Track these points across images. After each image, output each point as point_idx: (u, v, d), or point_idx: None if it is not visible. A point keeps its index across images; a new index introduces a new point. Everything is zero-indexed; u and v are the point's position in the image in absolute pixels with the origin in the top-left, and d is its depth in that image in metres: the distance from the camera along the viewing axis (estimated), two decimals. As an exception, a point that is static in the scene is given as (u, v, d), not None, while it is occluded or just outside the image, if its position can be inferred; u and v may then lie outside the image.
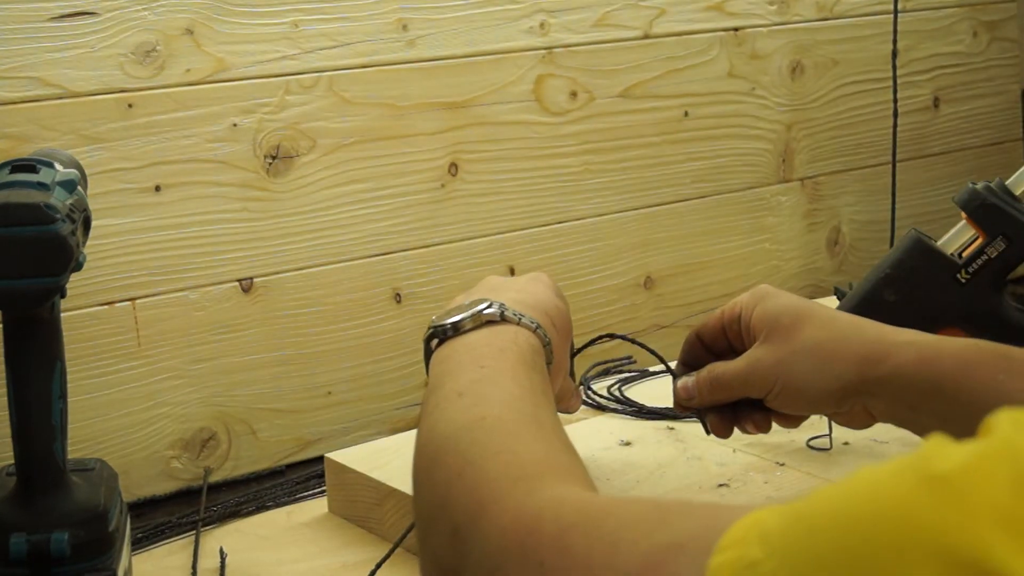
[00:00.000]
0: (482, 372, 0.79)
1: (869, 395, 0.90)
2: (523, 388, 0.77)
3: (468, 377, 0.78)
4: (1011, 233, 1.01)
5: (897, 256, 1.03)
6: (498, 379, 0.78)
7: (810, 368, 0.90)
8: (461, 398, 0.75)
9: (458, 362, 0.82)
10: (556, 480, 0.65)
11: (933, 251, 1.03)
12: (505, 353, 0.81)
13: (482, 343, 0.83)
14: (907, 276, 1.03)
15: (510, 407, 0.74)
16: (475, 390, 0.76)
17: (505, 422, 0.72)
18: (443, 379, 0.80)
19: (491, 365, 0.80)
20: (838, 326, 0.91)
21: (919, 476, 0.45)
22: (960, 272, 1.02)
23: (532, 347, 0.84)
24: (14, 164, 0.86)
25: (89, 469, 0.92)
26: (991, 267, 1.02)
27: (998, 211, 1.01)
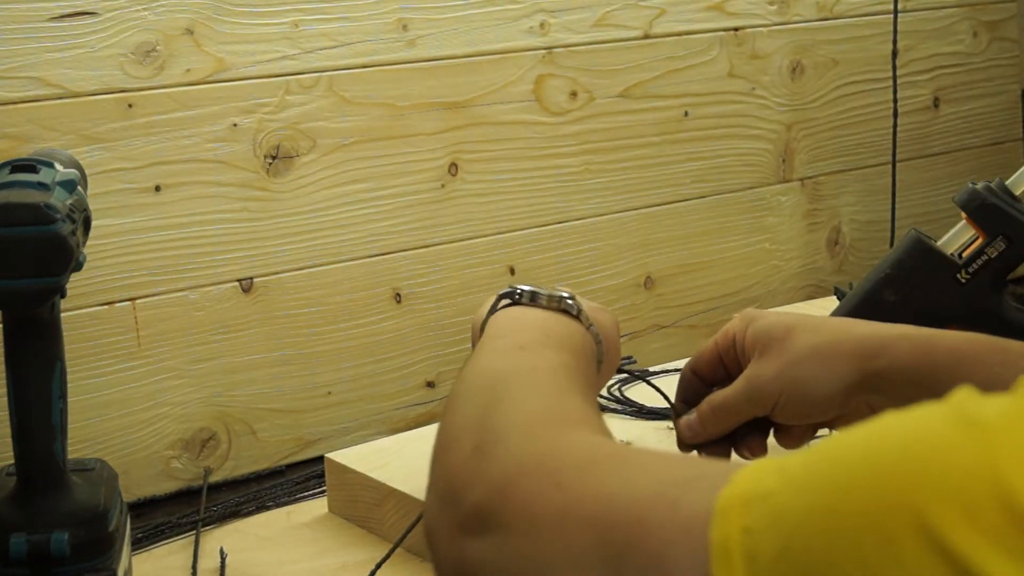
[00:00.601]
0: (547, 339, 0.79)
1: (871, 391, 0.89)
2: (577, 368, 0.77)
3: (532, 337, 0.79)
4: (1011, 233, 1.01)
5: (897, 256, 1.03)
6: (559, 350, 0.78)
7: (811, 373, 0.90)
8: (522, 351, 0.76)
9: (526, 324, 0.82)
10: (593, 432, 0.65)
11: (933, 251, 1.03)
12: (572, 339, 0.82)
13: (551, 321, 0.83)
14: (907, 276, 1.03)
15: (566, 373, 0.74)
16: (536, 350, 0.77)
17: (558, 378, 0.72)
18: (506, 332, 0.80)
19: (556, 337, 0.80)
20: (830, 328, 0.91)
21: (955, 417, 0.45)
22: (960, 272, 1.02)
23: (587, 350, 0.84)
24: (14, 164, 0.86)
25: (89, 469, 0.92)
26: (991, 267, 1.02)
27: (998, 211, 1.01)
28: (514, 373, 0.72)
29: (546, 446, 0.62)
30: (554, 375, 0.73)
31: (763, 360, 0.92)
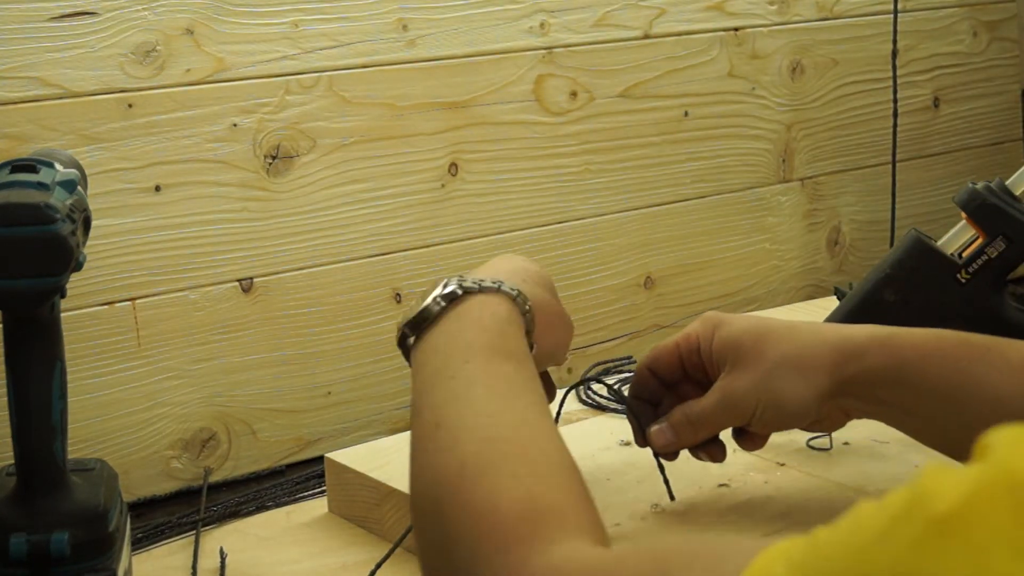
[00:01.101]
0: (453, 385, 0.76)
1: (843, 396, 0.91)
2: (499, 396, 0.75)
3: (441, 396, 0.76)
4: (1011, 233, 1.01)
5: (897, 256, 1.03)
6: (469, 394, 0.75)
7: (786, 384, 0.90)
8: (439, 431, 0.73)
9: (429, 373, 0.79)
10: (551, 536, 0.63)
11: (933, 251, 1.03)
12: (472, 347, 0.79)
13: (445, 340, 0.80)
14: (907, 276, 1.03)
15: (488, 440, 0.71)
16: (450, 418, 0.74)
17: (486, 465, 0.69)
18: (419, 399, 0.78)
19: (460, 372, 0.77)
20: (800, 337, 0.91)
21: (923, 520, 0.45)
22: (960, 272, 1.02)
23: (501, 318, 0.81)
24: (14, 164, 0.86)
25: (89, 469, 0.92)
26: (991, 267, 1.02)
27: (998, 211, 1.01)
28: (447, 485, 0.69)
29: None
30: (480, 463, 0.69)
31: (736, 372, 0.92)
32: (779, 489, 1.00)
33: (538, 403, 0.76)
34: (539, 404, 0.76)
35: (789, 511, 0.96)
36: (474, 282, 0.83)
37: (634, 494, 1.00)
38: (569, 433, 1.05)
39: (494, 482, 0.67)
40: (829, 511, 0.97)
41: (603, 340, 1.44)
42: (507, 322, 0.82)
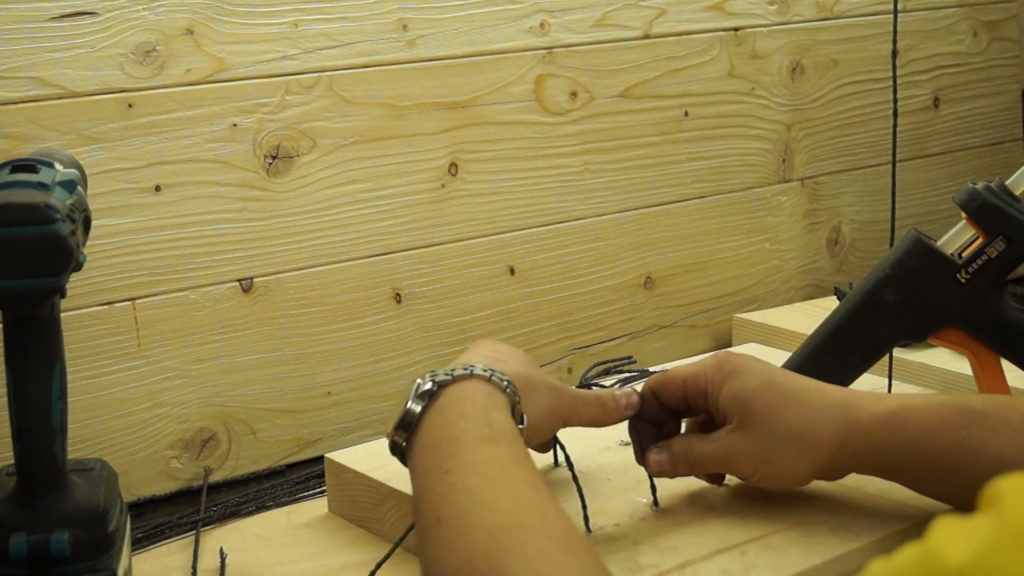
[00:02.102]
0: (448, 479, 0.78)
1: (845, 467, 0.94)
2: (493, 479, 0.77)
3: (438, 491, 0.78)
4: (1011, 233, 1.01)
5: (897, 256, 1.03)
6: (466, 483, 0.77)
7: (787, 458, 0.93)
8: (440, 527, 0.75)
9: (424, 472, 0.82)
10: None
11: (933, 251, 1.03)
12: (460, 439, 0.81)
13: (434, 437, 0.83)
14: (907, 276, 1.03)
15: (490, 525, 0.73)
16: (449, 512, 0.75)
17: (494, 553, 0.70)
18: (419, 497, 0.80)
19: (453, 465, 0.79)
20: (808, 411, 0.92)
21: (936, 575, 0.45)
22: (960, 272, 1.02)
23: (481, 403, 0.84)
24: (14, 164, 0.86)
25: (89, 469, 0.92)
26: (991, 267, 1.02)
27: (998, 211, 1.01)
28: (460, 569, 0.70)
29: None
30: (481, 557, 0.70)
31: (741, 432, 0.94)
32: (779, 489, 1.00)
33: (533, 481, 0.78)
34: (534, 482, 0.78)
35: (789, 511, 0.96)
36: (446, 374, 0.86)
37: (634, 494, 1.00)
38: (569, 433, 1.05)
39: (505, 572, 0.68)
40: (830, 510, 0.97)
41: (603, 340, 1.44)
42: (488, 406, 0.84)
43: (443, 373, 0.87)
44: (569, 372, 1.41)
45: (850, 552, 0.91)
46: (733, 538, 0.92)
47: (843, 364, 1.05)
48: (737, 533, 0.93)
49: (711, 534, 0.93)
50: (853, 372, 1.06)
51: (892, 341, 1.05)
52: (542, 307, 1.40)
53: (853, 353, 1.05)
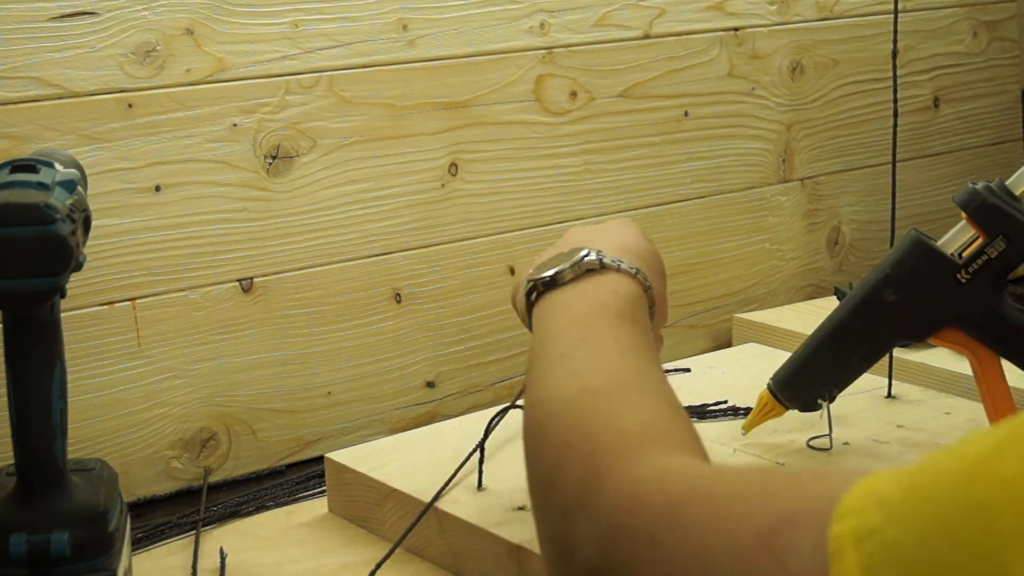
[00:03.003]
0: (583, 333, 0.79)
1: None
2: (624, 348, 0.77)
3: (570, 339, 0.79)
4: (1011, 233, 1.01)
5: (897, 256, 1.03)
6: (600, 341, 0.78)
7: None
8: (565, 362, 0.76)
9: (560, 320, 0.82)
10: (663, 450, 0.65)
11: (933, 251, 1.03)
12: (606, 309, 0.81)
13: (582, 298, 0.83)
14: (907, 276, 1.03)
15: (613, 374, 0.74)
16: (578, 355, 0.76)
17: (609, 391, 0.72)
18: (546, 339, 0.80)
19: (592, 324, 0.80)
20: None
21: None
22: (960, 272, 1.02)
23: (632, 296, 0.84)
24: (14, 164, 0.86)
25: (89, 469, 0.92)
26: (991, 267, 1.01)
27: (998, 211, 1.01)
28: (569, 405, 0.71)
29: (626, 497, 0.61)
30: (603, 391, 0.72)
31: None
32: (779, 489, 1.00)
33: (658, 366, 0.79)
34: (659, 368, 0.79)
35: (789, 511, 0.96)
36: (614, 260, 0.85)
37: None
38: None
39: (615, 407, 0.70)
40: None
41: (603, 340, 1.44)
42: (639, 300, 0.84)
43: (611, 259, 0.86)
44: (569, 372, 1.41)
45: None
46: (733, 538, 0.92)
47: (843, 364, 1.05)
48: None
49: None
50: (853, 372, 1.06)
51: (892, 341, 1.05)
52: (542, 307, 1.39)
53: (853, 353, 1.05)
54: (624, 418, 0.68)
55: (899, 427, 1.12)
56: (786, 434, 1.11)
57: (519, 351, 1.38)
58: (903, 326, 1.04)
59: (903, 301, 1.02)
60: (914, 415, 1.15)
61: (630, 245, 0.90)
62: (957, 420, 1.13)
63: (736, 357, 1.32)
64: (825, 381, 1.05)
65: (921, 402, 1.18)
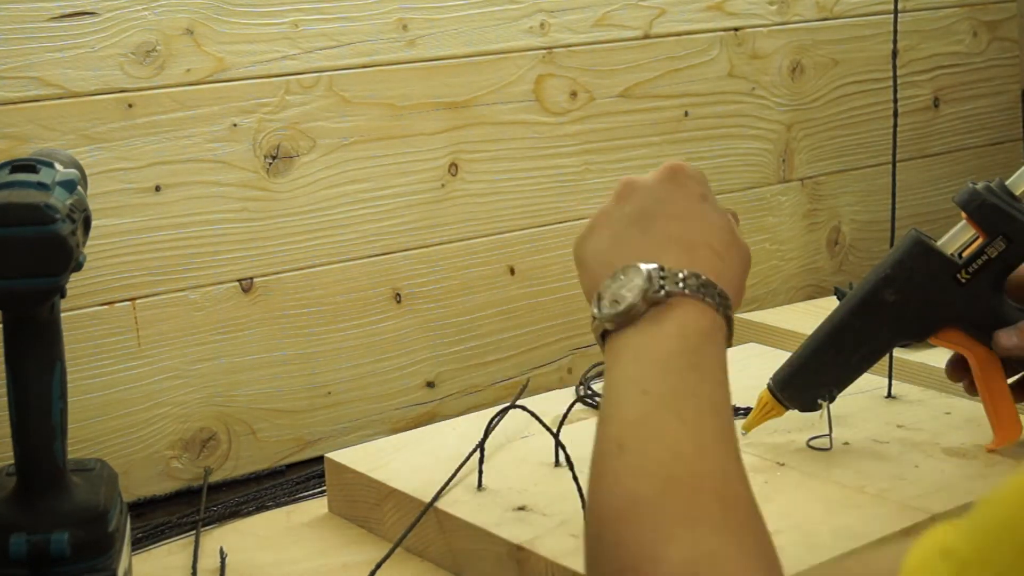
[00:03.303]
0: (643, 401, 0.73)
1: None
2: (687, 421, 0.72)
3: (629, 412, 0.73)
4: (1011, 233, 1.01)
5: (897, 256, 1.03)
6: (659, 417, 0.72)
7: None
8: (622, 454, 0.70)
9: (622, 379, 0.75)
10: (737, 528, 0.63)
11: (933, 251, 1.03)
12: (669, 362, 0.75)
13: (644, 343, 0.76)
14: (907, 276, 1.02)
15: (668, 475, 0.68)
16: (635, 443, 0.71)
17: (656, 509, 0.66)
18: (608, 406, 0.75)
19: (652, 388, 0.73)
20: None
21: None
22: (960, 272, 1.02)
23: (703, 331, 0.77)
24: (14, 164, 0.86)
25: (89, 469, 0.92)
26: (991, 267, 1.01)
27: (998, 211, 1.01)
28: (622, 519, 0.67)
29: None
30: (658, 504, 0.67)
31: None
32: (779, 490, 1.00)
33: (726, 429, 0.73)
34: (726, 430, 0.73)
35: (789, 511, 0.96)
36: (680, 284, 0.78)
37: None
38: (570, 434, 1.05)
39: (665, 528, 0.65)
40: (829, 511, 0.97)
41: (603, 340, 1.44)
42: (707, 336, 0.77)
43: (676, 282, 0.77)
44: (569, 372, 1.41)
45: (850, 552, 0.91)
46: (733, 538, 0.92)
47: (843, 364, 1.05)
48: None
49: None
50: (854, 372, 1.06)
51: (892, 341, 1.05)
52: (542, 307, 1.39)
53: (853, 353, 1.05)
54: (672, 549, 0.63)
55: (899, 427, 1.12)
56: (786, 434, 1.11)
57: (519, 351, 1.38)
58: (903, 326, 1.04)
59: (903, 301, 1.02)
60: (914, 415, 1.15)
61: (701, 235, 0.83)
62: (957, 420, 1.13)
63: (736, 357, 1.31)
64: (825, 381, 1.05)
65: (921, 402, 1.18)
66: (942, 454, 1.06)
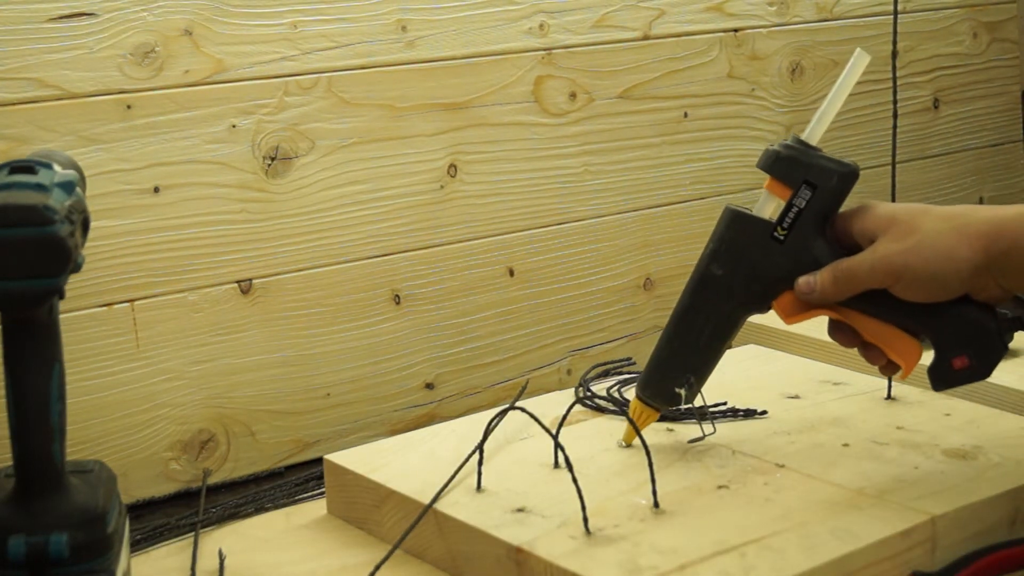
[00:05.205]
0: None
1: (997, 270, 0.95)
2: None
3: None
4: (813, 179, 1.02)
5: (717, 231, 1.04)
6: None
7: (939, 252, 0.95)
8: None
9: None
10: None
11: (746, 216, 1.04)
12: None
13: None
14: (728, 247, 1.03)
15: None
16: None
17: None
18: None
19: None
20: (956, 213, 0.97)
21: None
22: (776, 230, 1.02)
23: None
24: (13, 165, 0.86)
25: (88, 471, 0.92)
26: (805, 219, 1.02)
27: (795, 162, 1.03)
28: None
29: None
30: None
31: (889, 237, 0.97)
32: (779, 491, 1.00)
33: None
34: None
35: (789, 513, 0.96)
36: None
37: (634, 496, 1.00)
38: (570, 434, 1.05)
39: None
40: (829, 512, 0.97)
41: (603, 342, 1.44)
42: None
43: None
44: (568, 373, 1.41)
45: (850, 554, 0.90)
46: (733, 539, 0.92)
47: (693, 347, 1.04)
48: (737, 534, 0.93)
49: (711, 535, 0.93)
50: (705, 354, 1.05)
51: (734, 315, 1.04)
52: (542, 308, 1.39)
53: (699, 334, 1.04)
54: None
55: (899, 428, 1.12)
56: (785, 434, 1.11)
57: (518, 353, 1.38)
58: (739, 297, 1.03)
59: (731, 272, 1.03)
60: (913, 416, 1.15)
61: None
62: (957, 421, 1.13)
63: (736, 358, 1.32)
64: (680, 369, 1.05)
65: (921, 403, 1.18)
66: (942, 455, 1.06)
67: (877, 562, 0.92)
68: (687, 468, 1.05)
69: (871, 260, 0.98)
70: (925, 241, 0.96)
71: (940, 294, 0.97)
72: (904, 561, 0.93)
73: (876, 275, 0.98)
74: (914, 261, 0.96)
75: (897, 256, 0.96)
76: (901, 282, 0.97)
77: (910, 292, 0.97)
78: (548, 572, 0.90)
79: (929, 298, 0.98)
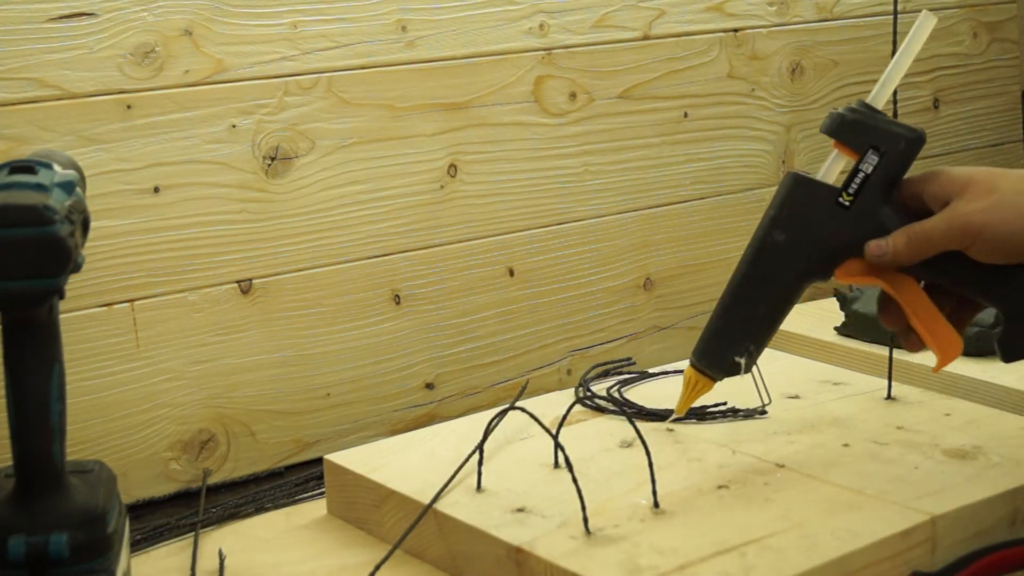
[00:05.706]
0: None
1: None
2: None
3: None
4: (880, 144, 0.99)
5: (780, 196, 1.02)
6: None
7: (1018, 213, 0.93)
8: None
9: None
10: None
11: (811, 182, 1.01)
12: None
13: None
14: (791, 213, 1.01)
15: None
16: None
17: None
18: None
19: None
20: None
21: None
22: (842, 195, 1.00)
23: None
24: (12, 165, 0.86)
25: (88, 471, 0.92)
26: (872, 184, 0.99)
27: (862, 126, 1.00)
28: None
29: None
30: None
31: (964, 199, 0.95)
32: (779, 491, 1.00)
33: None
34: None
35: (789, 513, 0.96)
36: None
37: (634, 495, 1.00)
38: (570, 435, 1.05)
39: None
40: (829, 512, 0.97)
41: (603, 342, 1.44)
42: None
43: None
44: (568, 374, 1.41)
45: (850, 554, 0.90)
46: (733, 539, 0.92)
47: (751, 315, 1.02)
48: (737, 534, 0.93)
49: (711, 535, 0.93)
50: (765, 323, 1.03)
51: (795, 284, 1.02)
52: (541, 308, 1.39)
53: (759, 303, 1.01)
54: None
55: (899, 428, 1.12)
56: (785, 434, 1.11)
57: (518, 353, 1.38)
58: (801, 264, 1.01)
59: (794, 239, 1.00)
60: (914, 416, 1.15)
61: None
62: (957, 421, 1.13)
63: (736, 358, 1.32)
64: (740, 338, 1.02)
65: (921, 403, 1.18)
66: (942, 455, 1.06)
67: (877, 562, 0.92)
68: (687, 468, 1.05)
69: (948, 219, 0.95)
70: (1005, 200, 0.94)
71: (1018, 254, 0.95)
72: (904, 561, 0.93)
73: (953, 235, 0.95)
74: (992, 219, 0.94)
75: (975, 215, 0.94)
76: (979, 241, 0.95)
77: (986, 252, 0.95)
78: (548, 572, 0.90)
79: (1006, 259, 0.96)
